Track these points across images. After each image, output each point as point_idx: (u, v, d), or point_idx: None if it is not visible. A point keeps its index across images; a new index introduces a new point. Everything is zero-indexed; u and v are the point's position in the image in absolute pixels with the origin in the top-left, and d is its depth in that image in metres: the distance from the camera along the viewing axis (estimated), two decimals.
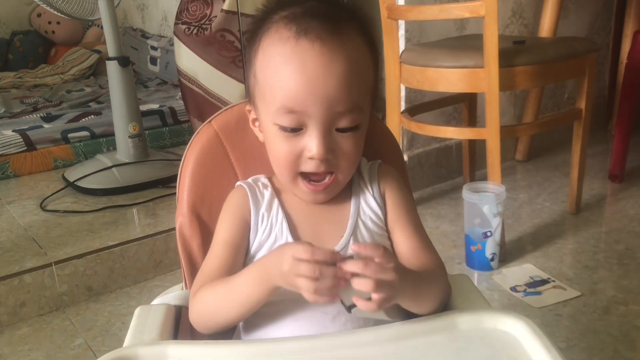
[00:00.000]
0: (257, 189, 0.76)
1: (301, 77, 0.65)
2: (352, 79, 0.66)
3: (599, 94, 2.68)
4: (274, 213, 0.74)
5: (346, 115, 0.67)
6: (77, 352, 1.32)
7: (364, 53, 0.70)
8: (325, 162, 0.68)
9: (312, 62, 0.65)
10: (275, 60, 0.67)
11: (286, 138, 0.69)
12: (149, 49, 3.42)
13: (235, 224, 0.74)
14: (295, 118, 0.67)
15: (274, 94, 0.67)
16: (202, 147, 0.83)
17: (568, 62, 1.66)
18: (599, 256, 1.63)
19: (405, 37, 1.97)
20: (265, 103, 0.70)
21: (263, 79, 0.69)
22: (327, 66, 0.65)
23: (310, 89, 0.65)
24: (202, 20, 2.05)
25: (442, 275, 0.73)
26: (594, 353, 1.22)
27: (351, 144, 0.69)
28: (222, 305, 0.68)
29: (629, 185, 2.10)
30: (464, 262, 1.61)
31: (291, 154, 0.69)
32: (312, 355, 0.63)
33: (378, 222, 0.74)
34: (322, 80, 0.65)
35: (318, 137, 0.67)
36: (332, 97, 0.65)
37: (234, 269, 0.72)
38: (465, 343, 0.65)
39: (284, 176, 0.72)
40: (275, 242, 0.72)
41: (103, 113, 2.54)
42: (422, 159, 2.12)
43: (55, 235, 1.67)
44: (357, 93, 0.68)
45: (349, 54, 0.66)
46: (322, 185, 0.71)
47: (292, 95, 0.66)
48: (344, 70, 0.66)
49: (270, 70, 0.68)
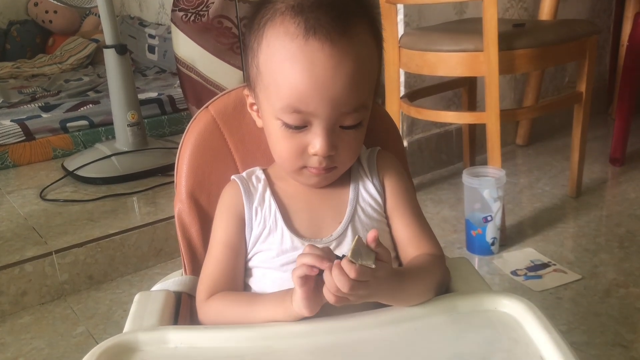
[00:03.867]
0: (250, 183, 0.76)
1: (309, 78, 0.64)
2: (359, 79, 0.66)
3: (599, 77, 2.66)
4: (267, 205, 0.73)
5: (351, 114, 0.67)
6: (78, 340, 1.33)
7: (371, 49, 0.68)
8: (328, 158, 0.68)
9: (321, 64, 0.63)
10: (281, 55, 0.65)
11: (290, 135, 0.68)
12: (147, 37, 3.40)
13: (230, 224, 0.74)
14: (300, 117, 0.66)
15: (280, 91, 0.66)
16: (200, 133, 0.82)
17: (568, 45, 1.65)
18: (600, 239, 1.63)
19: (404, 22, 1.96)
20: (268, 97, 0.69)
21: (267, 73, 0.68)
22: (335, 68, 0.64)
23: (318, 91, 0.64)
24: (200, 7, 2.04)
25: (438, 265, 0.72)
26: (595, 335, 1.22)
27: (354, 139, 0.70)
28: (243, 322, 0.67)
29: (630, 168, 2.10)
30: (465, 246, 1.61)
31: (295, 151, 0.69)
32: (312, 338, 0.63)
33: (377, 208, 0.74)
34: (330, 82, 0.64)
35: (323, 135, 0.66)
36: (339, 98, 0.65)
37: (235, 271, 0.73)
38: (465, 325, 0.65)
39: (287, 168, 0.73)
40: (270, 234, 0.72)
41: (102, 102, 2.53)
42: (422, 145, 2.12)
43: (55, 225, 1.67)
44: (363, 92, 0.67)
45: (357, 54, 0.65)
46: (325, 169, 0.70)
47: (299, 96, 0.64)
48: (352, 71, 0.64)
49: (275, 65, 0.66)
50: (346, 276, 0.58)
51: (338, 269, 0.58)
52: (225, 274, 0.72)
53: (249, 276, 0.74)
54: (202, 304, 0.72)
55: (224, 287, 0.72)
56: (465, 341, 0.62)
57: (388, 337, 0.63)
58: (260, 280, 0.72)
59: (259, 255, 0.73)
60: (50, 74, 3.33)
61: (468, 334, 0.63)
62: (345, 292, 0.58)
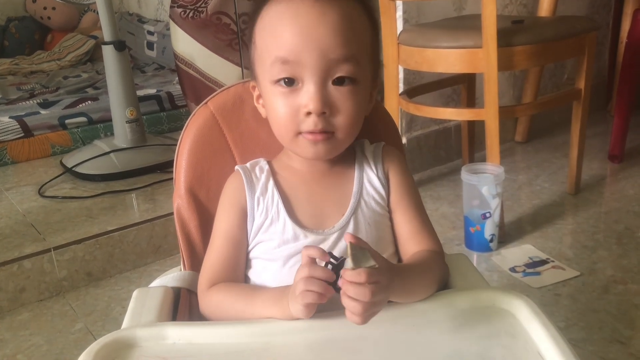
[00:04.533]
0: (253, 173, 0.76)
1: (294, 27, 0.65)
2: (345, 29, 0.66)
3: (598, 74, 2.66)
4: (269, 195, 0.73)
5: (341, 64, 0.66)
6: (77, 336, 1.33)
7: (358, 12, 0.69)
8: (322, 118, 0.67)
9: (305, 12, 0.65)
10: (270, 18, 0.68)
11: (283, 95, 0.68)
12: (146, 34, 3.39)
13: (233, 215, 0.74)
14: (289, 69, 0.66)
15: (269, 49, 0.68)
16: (199, 129, 0.82)
17: (567, 41, 1.65)
18: (598, 236, 1.63)
19: (404, 18, 1.95)
20: (262, 65, 0.70)
21: (260, 41, 0.70)
22: (320, 16, 0.65)
23: (303, 37, 0.65)
24: (198, 3, 2.03)
25: (439, 262, 0.72)
26: (593, 332, 1.22)
27: (349, 99, 0.68)
28: (241, 316, 0.68)
29: (629, 165, 2.10)
30: (463, 243, 1.61)
31: (289, 113, 0.68)
32: (310, 335, 0.63)
33: (381, 202, 0.74)
34: (314, 29, 0.65)
35: (313, 89, 0.66)
36: (326, 44, 0.65)
37: (237, 263, 0.73)
38: (463, 321, 0.65)
39: (284, 137, 0.71)
40: (272, 223, 0.72)
41: (100, 99, 2.53)
42: (421, 141, 2.12)
43: (54, 221, 1.66)
44: (350, 43, 0.67)
45: (342, 7, 0.67)
46: (322, 135, 0.68)
47: (286, 45, 0.66)
48: (337, 19, 0.66)
49: (266, 30, 0.69)
50: (361, 286, 0.56)
51: (351, 286, 0.57)
52: (226, 265, 0.72)
53: (249, 267, 0.74)
54: (203, 294, 0.72)
55: (225, 278, 0.72)
56: (463, 337, 0.62)
57: (387, 334, 0.63)
58: (261, 274, 0.72)
59: (261, 246, 0.72)
60: (49, 71, 3.32)
61: (466, 330, 0.63)
62: (368, 301, 0.57)
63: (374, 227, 0.72)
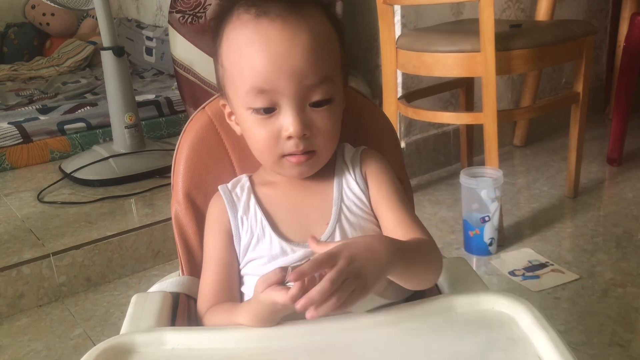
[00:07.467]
0: (234, 192, 0.76)
1: (266, 54, 0.65)
2: (317, 50, 0.66)
3: (596, 78, 2.67)
4: (252, 214, 0.73)
5: (317, 88, 0.67)
6: (76, 342, 1.32)
7: (327, 27, 0.69)
8: (303, 140, 0.67)
9: (275, 38, 0.65)
10: (238, 43, 0.67)
11: (261, 122, 0.68)
12: (145, 39, 3.40)
13: (219, 238, 0.74)
14: (266, 98, 0.66)
15: (243, 76, 0.67)
16: (197, 134, 0.82)
17: (565, 45, 1.65)
18: (597, 239, 1.63)
19: (402, 23, 1.96)
20: (235, 89, 0.69)
21: (229, 65, 0.69)
22: (290, 40, 0.65)
23: (277, 65, 0.64)
24: (197, 8, 2.04)
25: (433, 247, 0.70)
26: (593, 335, 1.22)
27: (327, 119, 0.68)
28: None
29: (627, 168, 2.10)
30: (462, 247, 1.61)
31: (269, 137, 0.68)
32: (309, 339, 0.63)
33: (362, 206, 0.73)
34: (287, 54, 0.64)
35: (292, 113, 0.66)
36: (300, 70, 0.65)
37: (230, 284, 0.73)
38: (463, 325, 0.64)
39: (266, 161, 0.72)
40: (258, 241, 0.72)
41: (99, 104, 2.53)
42: (420, 146, 2.12)
43: (52, 227, 1.66)
44: (324, 64, 0.67)
45: (310, 27, 0.66)
46: (305, 157, 0.69)
47: (260, 74, 0.65)
48: (308, 42, 0.65)
49: (234, 54, 0.68)
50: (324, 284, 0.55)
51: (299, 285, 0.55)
52: (219, 288, 0.73)
53: (242, 284, 0.74)
54: (203, 318, 0.72)
55: (221, 299, 0.72)
56: (463, 341, 0.62)
57: (386, 337, 0.63)
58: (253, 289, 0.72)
59: (251, 264, 0.73)
60: (48, 77, 3.32)
61: (466, 334, 0.63)
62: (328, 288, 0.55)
63: (361, 232, 0.72)
